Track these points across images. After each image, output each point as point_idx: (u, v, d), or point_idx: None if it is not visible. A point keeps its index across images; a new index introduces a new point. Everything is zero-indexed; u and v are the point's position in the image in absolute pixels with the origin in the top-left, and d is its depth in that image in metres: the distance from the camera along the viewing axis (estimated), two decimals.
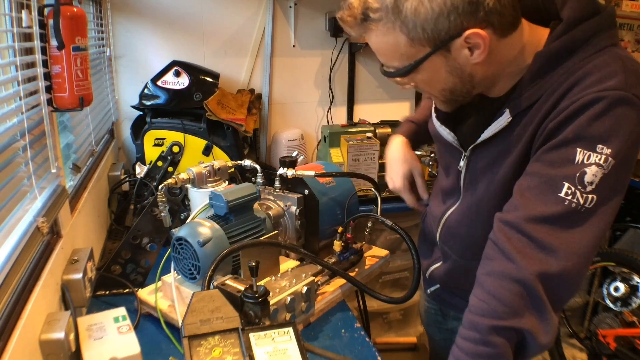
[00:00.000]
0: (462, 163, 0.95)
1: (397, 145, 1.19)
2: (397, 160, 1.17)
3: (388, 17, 0.75)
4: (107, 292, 1.22)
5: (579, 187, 0.72)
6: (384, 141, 2.00)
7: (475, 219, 0.93)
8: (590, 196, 0.72)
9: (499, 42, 0.77)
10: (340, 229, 1.26)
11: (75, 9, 1.00)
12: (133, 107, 1.87)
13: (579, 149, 0.72)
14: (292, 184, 1.32)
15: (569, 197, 0.72)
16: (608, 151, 0.71)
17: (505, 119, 0.83)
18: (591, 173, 0.71)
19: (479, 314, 0.77)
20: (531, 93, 0.79)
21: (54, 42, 0.98)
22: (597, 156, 0.71)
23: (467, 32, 0.73)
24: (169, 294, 1.11)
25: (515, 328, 0.74)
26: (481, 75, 0.81)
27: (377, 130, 2.06)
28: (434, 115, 1.00)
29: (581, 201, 0.72)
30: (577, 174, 0.72)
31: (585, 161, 0.71)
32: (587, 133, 0.71)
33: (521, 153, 0.82)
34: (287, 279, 1.09)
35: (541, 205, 0.74)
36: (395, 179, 1.17)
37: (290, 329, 0.86)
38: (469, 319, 0.78)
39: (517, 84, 0.82)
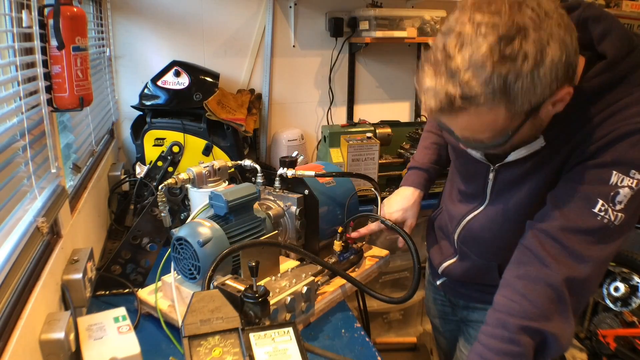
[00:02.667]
0: (490, 176, 0.98)
1: (410, 195, 1.25)
2: (405, 208, 1.24)
3: (494, 99, 0.72)
4: (107, 292, 1.22)
5: (611, 204, 0.79)
6: (384, 141, 2.01)
7: (502, 226, 0.98)
8: (620, 214, 0.79)
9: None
10: (340, 229, 1.26)
11: (75, 9, 1.00)
12: (133, 107, 1.87)
13: (614, 172, 0.78)
14: (292, 184, 1.32)
15: (602, 213, 0.79)
16: (639, 177, 0.78)
17: (539, 144, 0.86)
18: (623, 194, 0.78)
19: (508, 313, 0.81)
20: (568, 123, 0.83)
21: (54, 42, 0.98)
22: (629, 180, 0.78)
23: (562, 93, 0.75)
24: (169, 294, 1.11)
25: (543, 330, 0.78)
26: (548, 120, 0.83)
27: (377, 130, 2.06)
28: None
29: (612, 218, 0.79)
30: (611, 194, 0.78)
31: (619, 183, 0.78)
32: (624, 159, 0.78)
33: (553, 170, 0.87)
34: (287, 279, 1.09)
35: (576, 218, 0.80)
36: (392, 215, 1.24)
37: (290, 329, 0.86)
38: (496, 317, 0.82)
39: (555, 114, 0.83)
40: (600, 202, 0.79)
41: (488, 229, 1.01)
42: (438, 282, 1.23)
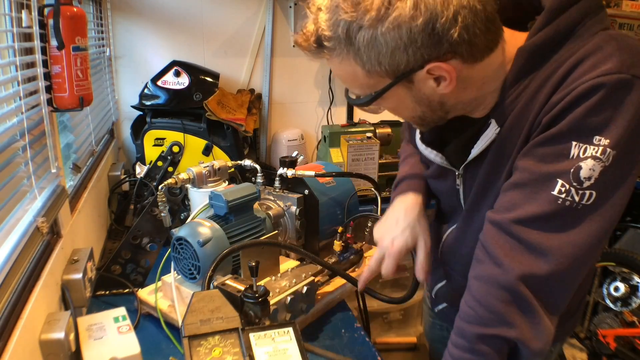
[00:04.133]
0: (458, 181, 0.87)
1: (414, 206, 0.96)
2: (411, 224, 0.94)
3: (341, 47, 0.69)
4: (107, 292, 1.22)
5: (575, 183, 0.66)
6: (384, 141, 2.01)
7: (477, 237, 0.82)
8: (588, 192, 0.66)
9: (471, 68, 0.70)
10: (340, 229, 1.26)
11: (75, 9, 1.00)
12: (133, 107, 1.87)
13: (574, 143, 0.66)
14: (292, 184, 1.32)
15: (563, 195, 0.67)
16: (606, 142, 0.64)
17: (492, 130, 0.76)
18: (587, 167, 0.65)
19: (466, 321, 0.75)
20: (516, 95, 0.73)
21: (54, 42, 0.98)
22: (593, 149, 0.65)
23: (429, 66, 0.67)
24: (169, 294, 1.11)
25: (503, 336, 0.71)
26: (454, 101, 0.75)
27: (377, 130, 2.06)
28: (418, 137, 0.91)
29: (577, 198, 0.66)
30: (572, 170, 0.66)
31: (580, 155, 0.65)
32: (583, 125, 0.65)
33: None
34: (287, 279, 1.09)
35: (532, 205, 0.69)
36: (396, 240, 0.93)
37: (290, 329, 0.86)
38: (458, 325, 0.77)
39: (500, 89, 0.75)
40: (560, 182, 0.66)
41: (464, 242, 0.89)
42: (436, 310, 1.13)
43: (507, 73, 0.73)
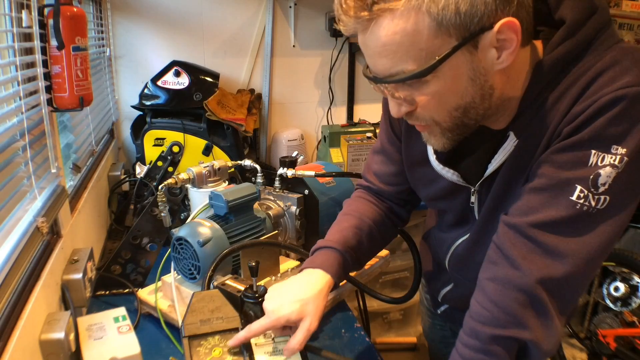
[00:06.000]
0: (473, 198, 0.88)
1: (315, 280, 0.90)
2: (305, 300, 0.86)
3: None
4: (107, 292, 1.22)
5: (592, 189, 0.68)
6: None
7: None
8: (602, 197, 0.68)
9: (519, 50, 0.69)
10: None
11: (75, 9, 1.00)
12: (133, 107, 1.87)
13: (593, 151, 0.68)
14: (292, 184, 1.32)
15: (581, 201, 0.69)
16: (623, 151, 0.67)
17: (511, 143, 0.77)
18: (605, 174, 0.68)
19: (480, 322, 0.75)
20: (536, 107, 0.74)
21: (54, 42, 0.98)
22: (611, 157, 0.67)
23: (502, 22, 0.64)
24: (169, 294, 1.11)
25: (517, 338, 0.72)
26: (499, 92, 0.73)
27: (377, 130, 2.06)
28: (433, 158, 0.89)
29: (593, 203, 0.69)
30: (591, 177, 0.68)
31: (599, 163, 0.68)
32: (603, 135, 0.67)
33: None
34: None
35: (550, 210, 0.71)
36: (282, 308, 0.84)
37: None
38: (470, 325, 0.77)
39: (520, 101, 0.75)
40: (579, 187, 0.69)
41: (479, 252, 0.88)
42: (439, 311, 1.13)
43: (528, 84, 0.74)
